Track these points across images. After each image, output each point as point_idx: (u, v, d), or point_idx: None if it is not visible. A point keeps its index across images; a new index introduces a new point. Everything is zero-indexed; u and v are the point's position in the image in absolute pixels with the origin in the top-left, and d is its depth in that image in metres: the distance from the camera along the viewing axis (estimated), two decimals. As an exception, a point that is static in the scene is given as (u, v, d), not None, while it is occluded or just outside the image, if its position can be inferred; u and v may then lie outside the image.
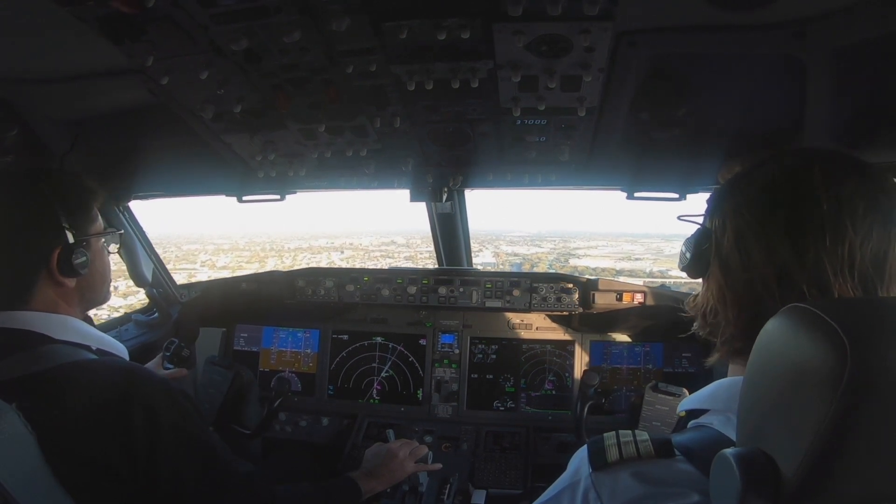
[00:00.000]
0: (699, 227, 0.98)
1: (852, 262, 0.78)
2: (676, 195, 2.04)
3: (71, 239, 1.33)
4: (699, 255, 0.95)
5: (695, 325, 0.99)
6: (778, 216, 0.84)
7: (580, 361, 2.62)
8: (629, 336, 2.64)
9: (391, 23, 1.34)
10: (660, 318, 2.52)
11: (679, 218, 1.09)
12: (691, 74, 1.57)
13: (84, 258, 1.35)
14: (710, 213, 0.96)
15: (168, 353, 2.26)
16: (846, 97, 1.45)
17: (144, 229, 2.75)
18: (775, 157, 0.90)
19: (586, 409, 2.18)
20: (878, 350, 0.57)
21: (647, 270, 9.81)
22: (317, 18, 1.33)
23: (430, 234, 2.86)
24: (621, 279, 2.65)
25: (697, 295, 0.99)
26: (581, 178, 2.11)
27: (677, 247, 1.01)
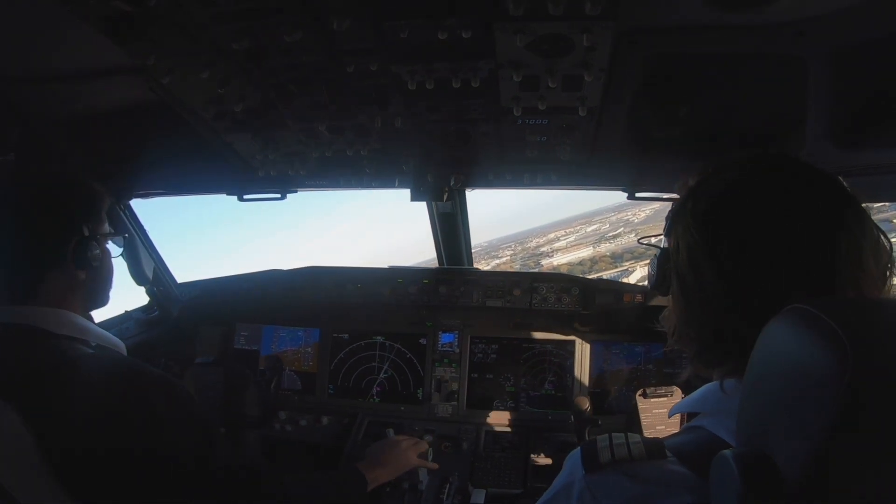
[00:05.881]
0: (659, 248, 1.00)
1: (799, 271, 0.78)
2: (678, 195, 2.04)
3: (86, 233, 1.40)
4: (662, 275, 0.97)
5: (670, 339, 1.00)
6: (723, 233, 0.84)
7: (581, 361, 2.62)
8: (630, 336, 2.64)
9: (392, 22, 1.34)
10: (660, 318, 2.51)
11: (639, 241, 1.12)
12: (692, 74, 1.57)
13: (98, 251, 1.42)
14: (667, 233, 0.97)
15: None
16: (847, 97, 1.45)
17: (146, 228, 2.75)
18: (719, 170, 0.91)
19: (587, 433, 2.14)
20: (878, 350, 0.57)
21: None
22: (318, 18, 1.33)
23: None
24: (636, 264, 2.65)
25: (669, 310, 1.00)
26: (581, 177, 2.11)
27: (641, 212, 1.02)
